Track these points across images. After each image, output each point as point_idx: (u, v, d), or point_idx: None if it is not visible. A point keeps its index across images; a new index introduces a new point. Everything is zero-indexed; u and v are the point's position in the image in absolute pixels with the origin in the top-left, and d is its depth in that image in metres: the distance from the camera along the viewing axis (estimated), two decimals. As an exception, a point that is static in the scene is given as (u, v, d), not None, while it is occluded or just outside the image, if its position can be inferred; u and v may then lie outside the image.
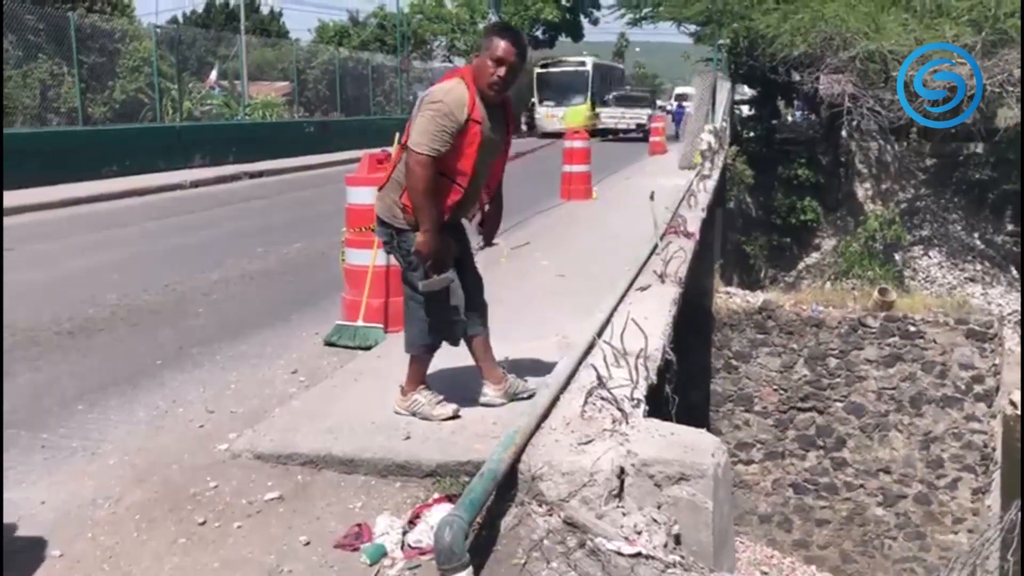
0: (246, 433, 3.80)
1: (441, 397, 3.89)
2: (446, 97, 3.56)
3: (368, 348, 5.21)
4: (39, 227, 10.78)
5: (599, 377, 3.74)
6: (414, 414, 3.85)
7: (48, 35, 17.77)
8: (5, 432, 3.91)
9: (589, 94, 33.80)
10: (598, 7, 45.41)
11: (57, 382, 4.73)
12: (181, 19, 47.01)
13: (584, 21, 46.07)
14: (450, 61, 40.57)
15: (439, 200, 3.62)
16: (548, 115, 33.41)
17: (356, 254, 5.71)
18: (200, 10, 48.92)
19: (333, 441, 3.62)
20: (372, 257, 5.55)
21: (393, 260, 5.60)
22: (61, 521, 3.13)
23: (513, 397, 3.99)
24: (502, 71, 3.60)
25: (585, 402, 3.66)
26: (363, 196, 5.73)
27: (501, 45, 3.60)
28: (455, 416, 3.82)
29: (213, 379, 4.76)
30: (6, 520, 3.02)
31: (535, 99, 33.76)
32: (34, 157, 14.36)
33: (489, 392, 3.99)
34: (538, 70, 33.77)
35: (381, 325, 5.46)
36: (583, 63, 34.82)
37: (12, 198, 12.37)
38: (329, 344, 5.38)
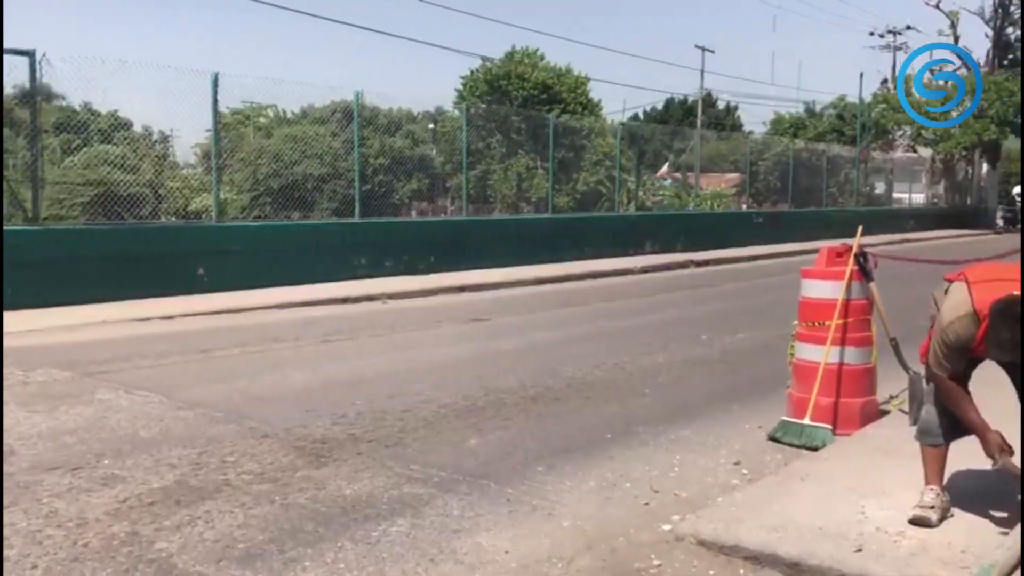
0: (689, 517, 3.84)
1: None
2: (948, 330, 3.52)
3: (815, 448, 4.98)
4: (511, 302, 12.13)
5: (1103, 518, 3.16)
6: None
7: (527, 134, 20.32)
8: (479, 482, 4.43)
9: None
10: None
11: (521, 442, 5.22)
12: (642, 115, 50.42)
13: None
14: (914, 151, 38.10)
15: None
16: None
17: (807, 349, 5.54)
18: (660, 106, 52.11)
19: (778, 540, 3.50)
20: (824, 353, 5.34)
21: (847, 359, 5.38)
22: (521, 572, 3.41)
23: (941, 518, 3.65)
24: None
25: (1083, 546, 3.11)
26: (818, 289, 5.58)
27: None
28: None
29: (657, 459, 4.90)
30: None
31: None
32: (508, 240, 16.35)
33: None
34: None
35: (830, 426, 5.20)
36: None
37: (487, 276, 14.21)
38: (773, 440, 5.26)
